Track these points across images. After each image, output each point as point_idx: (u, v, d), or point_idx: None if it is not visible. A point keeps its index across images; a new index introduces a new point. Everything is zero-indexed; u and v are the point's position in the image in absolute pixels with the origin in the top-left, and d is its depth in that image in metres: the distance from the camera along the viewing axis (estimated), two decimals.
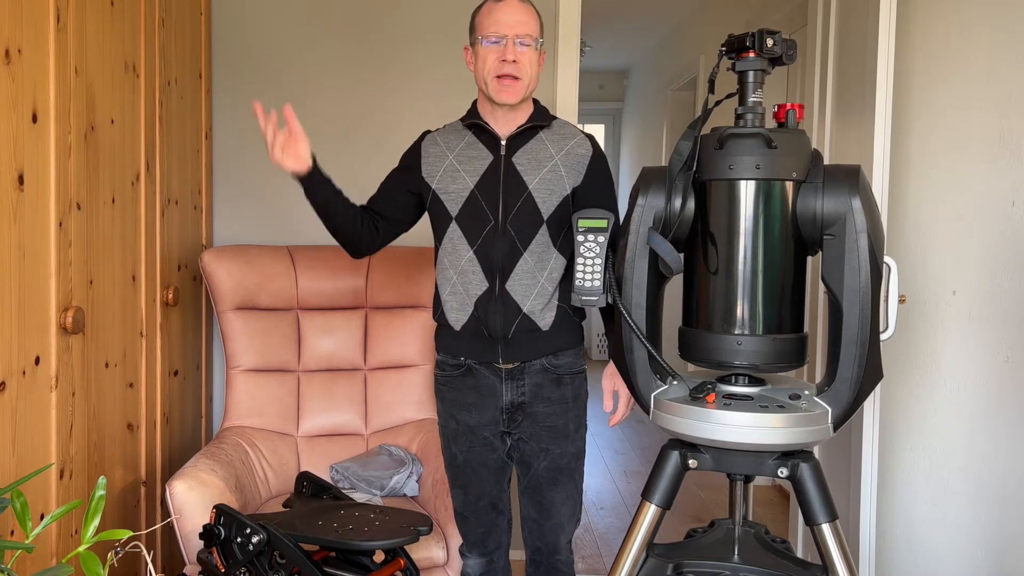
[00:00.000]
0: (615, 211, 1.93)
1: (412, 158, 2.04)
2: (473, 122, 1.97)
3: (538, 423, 1.95)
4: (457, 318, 1.95)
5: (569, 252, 1.94)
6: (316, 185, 1.94)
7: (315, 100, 2.98)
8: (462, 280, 1.94)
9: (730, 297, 1.45)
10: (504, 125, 1.95)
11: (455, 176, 1.96)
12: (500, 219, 1.91)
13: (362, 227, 2.02)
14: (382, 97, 2.99)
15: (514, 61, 1.86)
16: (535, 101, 2.00)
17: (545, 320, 1.93)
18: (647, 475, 1.55)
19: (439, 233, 1.99)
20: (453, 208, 1.95)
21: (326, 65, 2.97)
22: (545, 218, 1.91)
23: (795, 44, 1.46)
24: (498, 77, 1.87)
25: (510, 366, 1.94)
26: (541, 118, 1.95)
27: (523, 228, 1.91)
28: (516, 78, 1.87)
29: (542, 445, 1.96)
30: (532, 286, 1.91)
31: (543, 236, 1.92)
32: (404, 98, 3.00)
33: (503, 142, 1.94)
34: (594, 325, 7.45)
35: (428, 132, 2.08)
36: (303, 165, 1.89)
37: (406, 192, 2.03)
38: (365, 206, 2.07)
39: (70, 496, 1.85)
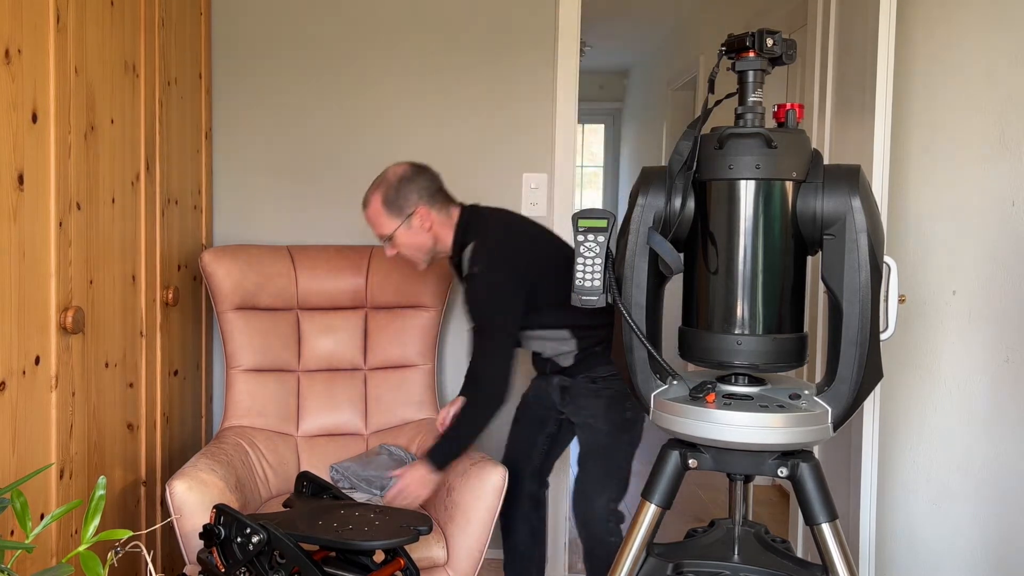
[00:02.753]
0: (476, 320, 2.22)
1: None
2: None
3: (578, 403, 2.30)
4: None
5: (539, 324, 2.26)
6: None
7: (315, 100, 2.97)
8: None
9: (730, 297, 1.45)
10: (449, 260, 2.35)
11: None
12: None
13: None
14: (382, 97, 2.99)
15: (393, 255, 2.27)
16: (458, 223, 2.26)
17: (568, 360, 2.30)
18: (647, 475, 1.55)
19: None
20: None
21: (327, 65, 2.97)
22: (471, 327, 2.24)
23: (795, 44, 1.46)
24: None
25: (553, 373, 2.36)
26: (455, 253, 2.27)
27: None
28: (408, 259, 2.29)
29: (581, 420, 2.31)
30: (540, 351, 2.35)
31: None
32: (405, 99, 3.00)
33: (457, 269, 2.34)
34: None
35: None
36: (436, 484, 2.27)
37: None
38: None
39: (70, 496, 1.85)
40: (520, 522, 2.48)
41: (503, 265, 2.21)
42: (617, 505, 2.28)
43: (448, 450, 2.21)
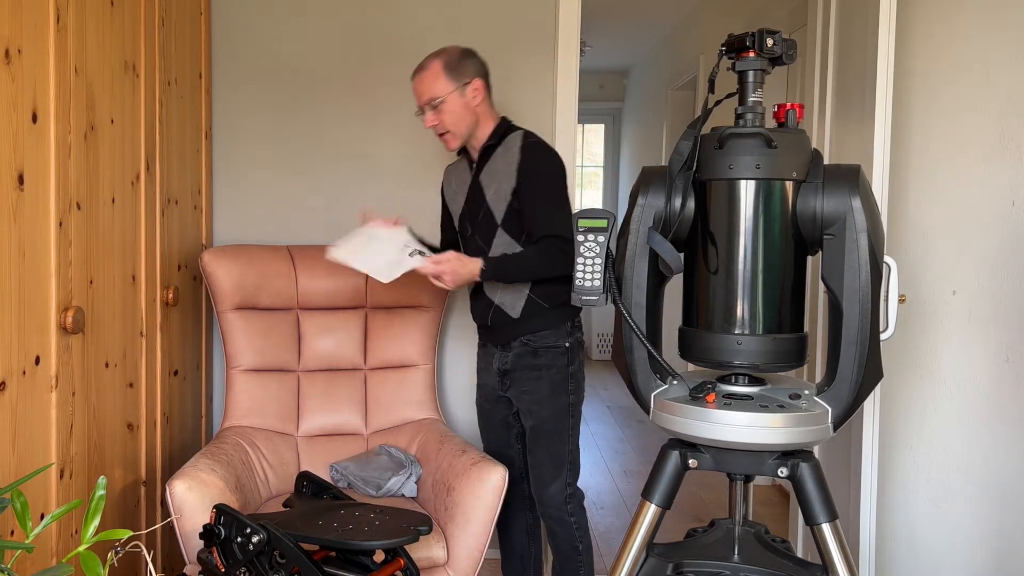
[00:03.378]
0: (545, 199, 2.22)
1: (442, 190, 2.53)
2: (463, 149, 2.39)
3: (519, 388, 2.33)
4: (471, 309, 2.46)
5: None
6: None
7: (315, 100, 2.98)
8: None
9: (730, 297, 1.45)
10: (474, 151, 2.36)
11: (455, 197, 2.45)
12: (472, 229, 2.35)
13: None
14: (382, 97, 2.99)
15: (433, 124, 2.28)
16: (502, 119, 2.34)
17: (515, 310, 2.30)
18: (647, 475, 1.55)
19: None
20: (456, 222, 2.45)
21: (327, 66, 2.97)
22: (499, 223, 2.28)
23: (795, 44, 1.46)
24: (437, 136, 2.32)
25: (497, 344, 2.37)
26: (492, 138, 2.30)
27: (486, 234, 2.31)
28: (444, 133, 2.29)
29: (524, 407, 2.34)
30: (496, 283, 2.30)
31: (501, 238, 2.29)
32: (404, 99, 3.00)
33: (475, 164, 2.36)
34: (594, 325, 7.45)
35: (449, 165, 2.53)
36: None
37: (449, 220, 2.51)
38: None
39: (70, 496, 1.85)
40: (515, 522, 2.51)
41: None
42: (573, 487, 2.33)
43: (505, 268, 2.22)
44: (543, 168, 2.24)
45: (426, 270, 2.18)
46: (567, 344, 2.31)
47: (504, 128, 2.32)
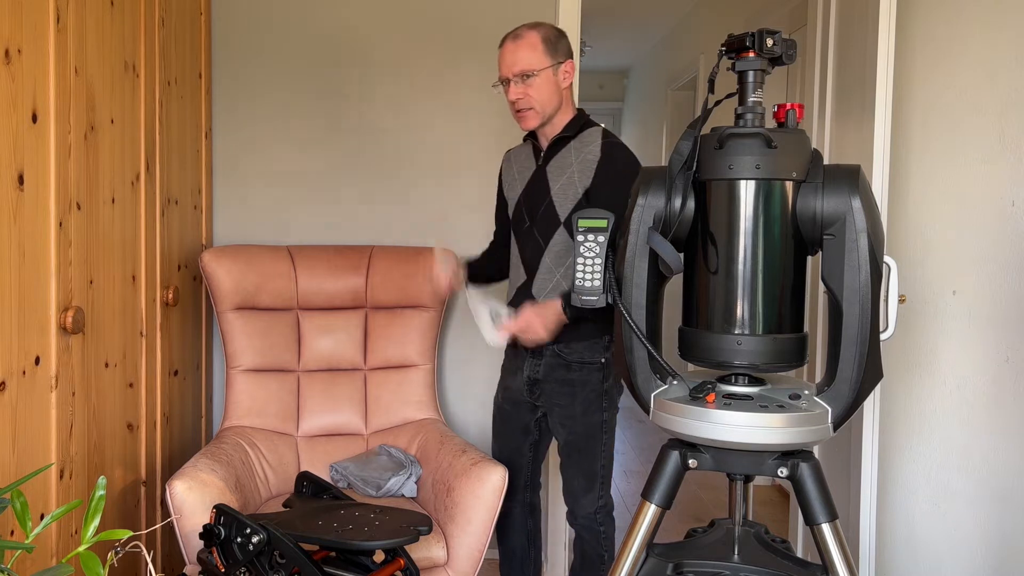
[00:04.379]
0: (620, 206, 1.98)
1: (500, 176, 2.43)
2: (531, 134, 2.28)
3: (551, 400, 2.24)
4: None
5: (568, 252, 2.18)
6: (474, 278, 2.40)
7: (315, 100, 2.98)
8: (514, 272, 2.33)
9: (730, 297, 1.45)
10: (544, 139, 2.24)
11: (512, 184, 2.34)
12: (531, 221, 2.23)
13: (502, 261, 2.42)
14: (382, 98, 2.99)
15: (518, 98, 2.14)
16: (580, 111, 2.24)
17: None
18: (647, 475, 1.55)
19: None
20: (510, 211, 2.34)
21: (326, 66, 2.97)
22: (562, 220, 2.17)
23: (795, 44, 1.46)
24: (516, 112, 2.18)
25: (526, 348, 2.24)
26: (569, 129, 2.19)
27: (545, 229, 2.20)
28: (526, 110, 2.15)
29: (555, 420, 2.26)
30: (548, 280, 2.21)
31: (560, 236, 2.17)
32: (404, 99, 3.00)
33: (543, 153, 2.24)
34: None
35: (509, 150, 2.43)
36: (459, 285, 2.35)
37: (504, 210, 2.40)
38: (494, 241, 2.48)
39: (70, 496, 1.85)
40: (516, 529, 2.48)
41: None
42: (605, 498, 2.31)
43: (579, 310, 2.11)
44: (625, 173, 2.09)
45: (513, 331, 2.13)
46: (603, 360, 2.20)
47: (582, 121, 2.21)
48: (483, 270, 2.43)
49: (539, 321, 2.10)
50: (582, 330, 2.17)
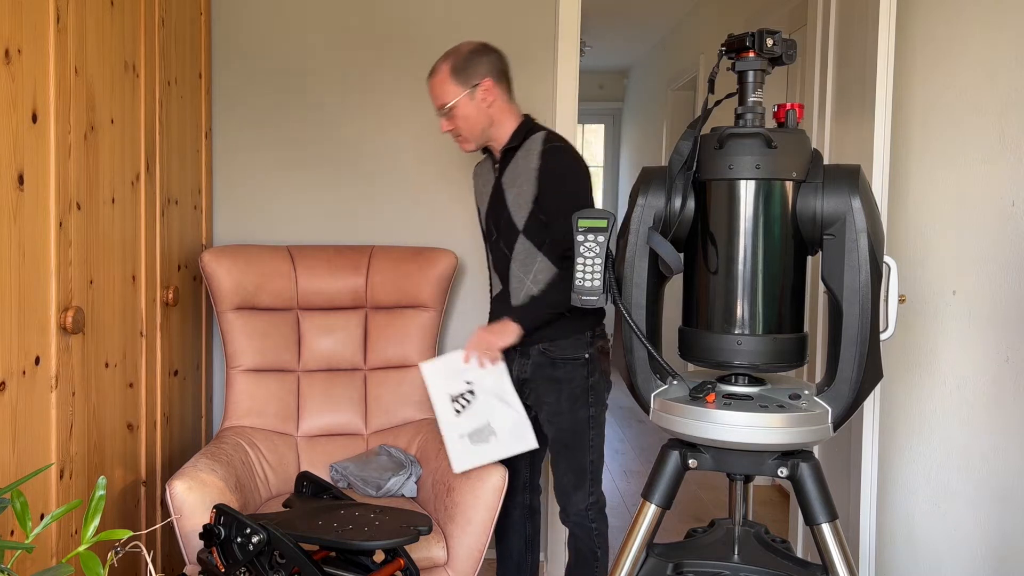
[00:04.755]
0: (565, 209, 2.07)
1: (474, 191, 2.48)
2: (486, 148, 2.33)
3: (539, 398, 2.30)
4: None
5: (559, 256, 2.20)
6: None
7: (315, 100, 2.98)
8: (493, 281, 2.40)
9: (730, 297, 1.45)
10: (496, 152, 2.30)
11: (481, 198, 2.41)
12: (497, 232, 2.31)
13: None
14: (382, 97, 2.99)
15: (448, 130, 2.24)
16: (526, 117, 2.28)
17: None
18: (647, 475, 1.55)
19: None
20: (481, 224, 2.42)
21: (326, 66, 2.97)
22: (520, 229, 2.23)
23: (795, 44, 1.46)
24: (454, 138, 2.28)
25: (515, 349, 2.27)
26: (515, 139, 2.24)
27: (508, 239, 2.27)
28: (458, 136, 2.25)
29: (544, 417, 2.31)
30: (520, 288, 2.27)
31: (523, 244, 2.24)
32: (404, 99, 3.00)
33: (497, 165, 2.30)
34: None
35: (477, 163, 2.47)
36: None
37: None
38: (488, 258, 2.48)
39: (70, 496, 1.85)
40: (514, 531, 2.50)
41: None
42: (596, 495, 2.33)
43: (535, 313, 2.20)
44: (565, 175, 2.16)
45: (466, 357, 2.21)
46: (586, 355, 2.26)
47: (526, 128, 2.24)
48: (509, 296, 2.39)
49: (491, 337, 2.20)
50: (565, 326, 2.23)
